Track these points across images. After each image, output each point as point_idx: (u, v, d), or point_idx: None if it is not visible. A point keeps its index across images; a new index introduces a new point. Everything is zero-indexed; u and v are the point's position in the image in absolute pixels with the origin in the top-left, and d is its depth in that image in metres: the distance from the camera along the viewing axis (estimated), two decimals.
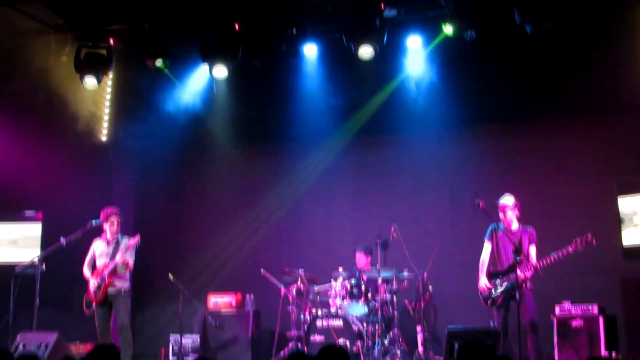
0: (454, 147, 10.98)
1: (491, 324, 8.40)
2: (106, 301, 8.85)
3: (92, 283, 8.86)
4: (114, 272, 8.85)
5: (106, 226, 9.09)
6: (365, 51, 9.01)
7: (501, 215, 8.52)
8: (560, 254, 7.98)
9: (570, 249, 7.94)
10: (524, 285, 8.06)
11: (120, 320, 8.84)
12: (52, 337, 8.14)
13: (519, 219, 8.60)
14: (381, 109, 10.65)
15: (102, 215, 9.09)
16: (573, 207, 10.03)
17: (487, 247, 8.69)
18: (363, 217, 11.33)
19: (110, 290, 8.85)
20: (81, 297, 9.13)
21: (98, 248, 9.12)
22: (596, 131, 10.23)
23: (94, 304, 8.89)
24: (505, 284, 8.33)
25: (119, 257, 8.80)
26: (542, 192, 10.30)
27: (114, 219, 9.06)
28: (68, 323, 10.17)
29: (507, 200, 8.56)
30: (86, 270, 9.10)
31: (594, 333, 8.81)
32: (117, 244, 9.03)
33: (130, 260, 8.95)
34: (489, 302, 8.50)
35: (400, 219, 10.09)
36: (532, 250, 8.45)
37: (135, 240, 8.92)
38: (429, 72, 9.93)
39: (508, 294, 8.28)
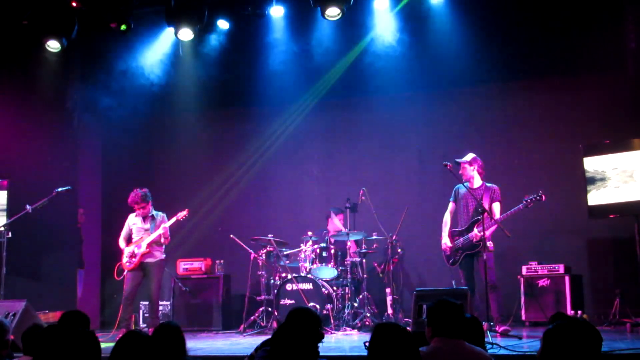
0: (422, 109, 10.96)
1: (453, 283, 8.41)
2: (140, 268, 8.94)
3: (128, 252, 8.98)
4: (154, 243, 8.94)
5: (137, 208, 9.07)
6: (332, 12, 8.92)
7: (461, 172, 8.45)
8: (513, 211, 7.91)
9: (520, 207, 7.87)
10: (481, 244, 7.95)
11: (150, 292, 8.98)
12: (19, 306, 8.00)
13: (483, 177, 8.52)
14: (349, 71, 10.57)
15: (130, 199, 9.01)
16: (540, 168, 10.10)
17: (449, 207, 8.67)
18: (332, 180, 11.31)
19: (150, 260, 8.93)
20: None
21: (134, 224, 9.14)
22: (563, 92, 10.31)
23: (125, 271, 9.01)
24: (464, 242, 8.30)
25: (161, 230, 8.94)
26: (510, 152, 10.38)
27: (144, 204, 9.01)
28: (36, 291, 10.03)
29: (465, 157, 8.50)
30: (122, 243, 9.16)
31: (561, 292, 8.98)
32: (154, 219, 9.10)
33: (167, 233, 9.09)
34: (450, 261, 8.48)
35: (369, 182, 10.12)
36: (496, 207, 8.29)
37: (182, 215, 9.18)
38: (396, 34, 9.85)
39: (468, 252, 8.24)
